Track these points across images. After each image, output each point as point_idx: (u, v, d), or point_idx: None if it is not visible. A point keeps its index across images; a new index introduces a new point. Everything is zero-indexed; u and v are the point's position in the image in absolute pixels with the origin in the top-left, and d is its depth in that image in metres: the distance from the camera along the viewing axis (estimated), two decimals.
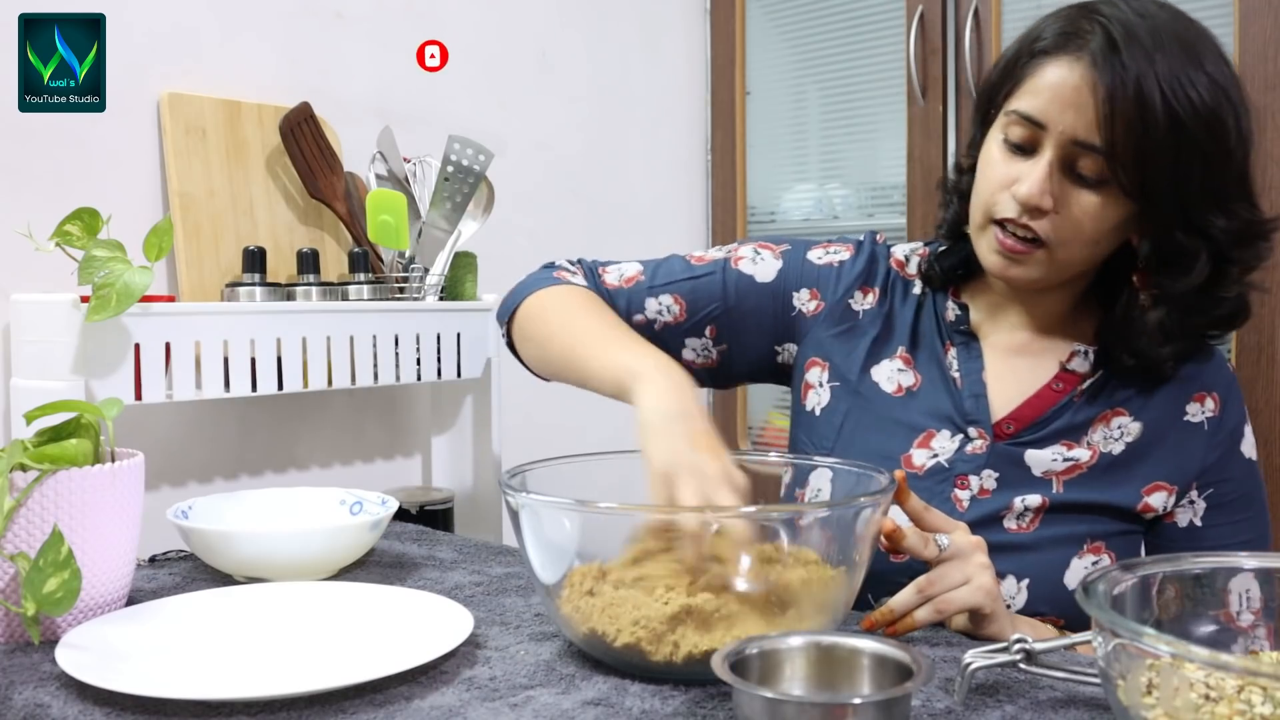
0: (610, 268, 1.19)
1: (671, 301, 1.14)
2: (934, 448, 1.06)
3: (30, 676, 0.84)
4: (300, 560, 1.09)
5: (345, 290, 1.50)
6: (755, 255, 1.17)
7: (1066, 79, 0.93)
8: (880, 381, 1.10)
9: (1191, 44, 0.93)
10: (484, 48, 1.86)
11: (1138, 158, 0.92)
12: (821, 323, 1.14)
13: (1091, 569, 1.01)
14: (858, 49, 2.08)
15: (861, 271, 1.14)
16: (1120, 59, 0.91)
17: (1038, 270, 1.00)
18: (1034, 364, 1.07)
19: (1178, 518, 1.05)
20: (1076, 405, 1.05)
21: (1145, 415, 1.04)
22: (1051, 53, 0.95)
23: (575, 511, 0.83)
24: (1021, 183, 0.96)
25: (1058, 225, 0.96)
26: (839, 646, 0.73)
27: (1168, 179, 0.92)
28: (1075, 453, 1.03)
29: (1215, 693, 0.61)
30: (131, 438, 1.26)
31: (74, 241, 1.15)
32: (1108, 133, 0.91)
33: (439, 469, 1.73)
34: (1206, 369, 1.06)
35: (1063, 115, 0.94)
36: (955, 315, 1.11)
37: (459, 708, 0.77)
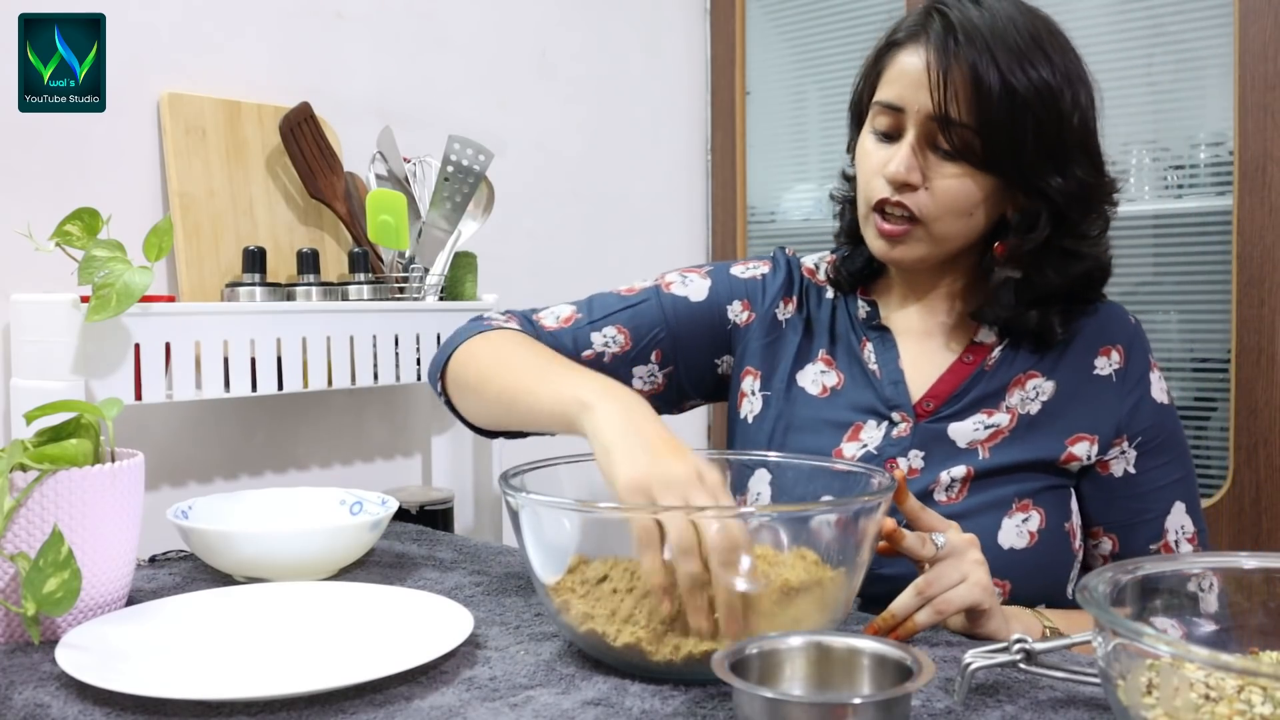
0: (544, 312, 1.20)
1: (615, 332, 1.17)
2: (862, 439, 1.11)
3: (30, 676, 0.84)
4: (300, 560, 1.09)
5: (345, 290, 1.50)
6: (683, 279, 1.21)
7: (915, 63, 1.03)
8: (806, 385, 1.16)
9: (1029, 31, 1.02)
10: (484, 48, 1.86)
11: (977, 125, 1.00)
12: (754, 333, 1.19)
13: (1021, 526, 1.06)
14: (858, 49, 2.08)
15: (783, 283, 1.21)
16: (955, 38, 1.00)
17: (920, 248, 1.06)
18: (944, 343, 1.13)
19: (1113, 469, 1.10)
20: (989, 374, 1.10)
21: (1057, 374, 1.10)
22: (902, 43, 1.06)
23: (575, 511, 0.83)
24: (889, 163, 1.04)
25: (929, 200, 1.04)
26: (839, 646, 0.73)
27: (1005, 144, 1.01)
28: (995, 418, 1.08)
29: (1215, 693, 0.61)
30: (131, 438, 1.27)
31: (74, 241, 1.15)
32: (945, 105, 1.00)
33: (439, 469, 1.73)
34: (1109, 324, 1.12)
35: (916, 95, 1.02)
36: (866, 312, 1.16)
37: (459, 708, 0.77)
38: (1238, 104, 1.64)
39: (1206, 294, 1.72)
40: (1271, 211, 1.63)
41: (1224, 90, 1.67)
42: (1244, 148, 1.64)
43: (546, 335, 1.16)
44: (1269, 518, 1.65)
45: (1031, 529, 1.05)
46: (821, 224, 2.15)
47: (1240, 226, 1.65)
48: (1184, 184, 1.76)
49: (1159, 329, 1.77)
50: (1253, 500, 1.66)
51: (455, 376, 1.10)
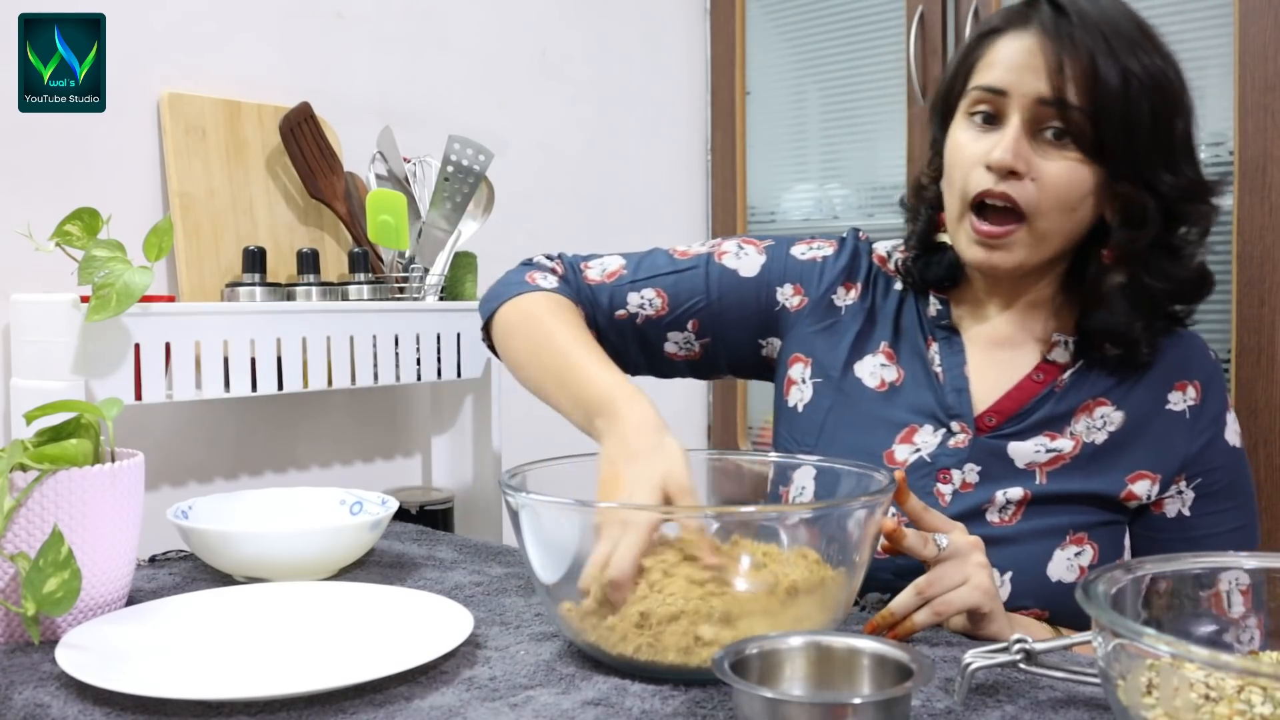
0: (592, 262, 1.19)
1: (654, 295, 1.15)
2: (916, 442, 1.07)
3: (30, 676, 0.84)
4: (300, 560, 1.09)
5: (345, 290, 1.50)
6: (739, 250, 1.17)
7: (1020, 47, 0.99)
8: (863, 377, 1.11)
9: (1138, 25, 0.99)
10: (484, 48, 1.86)
11: (1092, 110, 0.96)
12: (805, 318, 1.14)
13: (1074, 560, 1.02)
14: (858, 49, 2.08)
15: (845, 267, 1.15)
16: (1068, 22, 0.97)
17: (1020, 251, 1.01)
18: (1015, 356, 1.08)
19: (1166, 508, 1.05)
20: (1058, 395, 1.06)
21: (1127, 404, 1.05)
22: (1002, 29, 1.01)
23: (575, 511, 0.84)
24: (994, 149, 0.98)
25: (1034, 191, 0.98)
26: (839, 646, 0.73)
27: (1120, 130, 0.96)
28: (1058, 443, 1.04)
29: (1215, 693, 0.61)
30: (131, 438, 1.27)
31: (74, 241, 1.15)
32: (1060, 87, 0.96)
33: (439, 469, 1.73)
34: (1188, 358, 1.07)
35: (1022, 79, 0.98)
36: (937, 310, 1.11)
37: (459, 708, 0.77)
38: (1238, 104, 1.64)
39: None
40: (1271, 211, 1.62)
41: (1224, 90, 1.67)
42: (1244, 148, 1.64)
43: (585, 289, 1.17)
44: (1269, 518, 1.65)
45: (1083, 564, 1.02)
46: (821, 224, 2.15)
47: (1240, 226, 1.65)
48: None
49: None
50: None
51: (499, 340, 1.15)
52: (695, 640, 0.79)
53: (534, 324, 1.09)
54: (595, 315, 1.17)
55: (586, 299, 1.17)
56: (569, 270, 1.18)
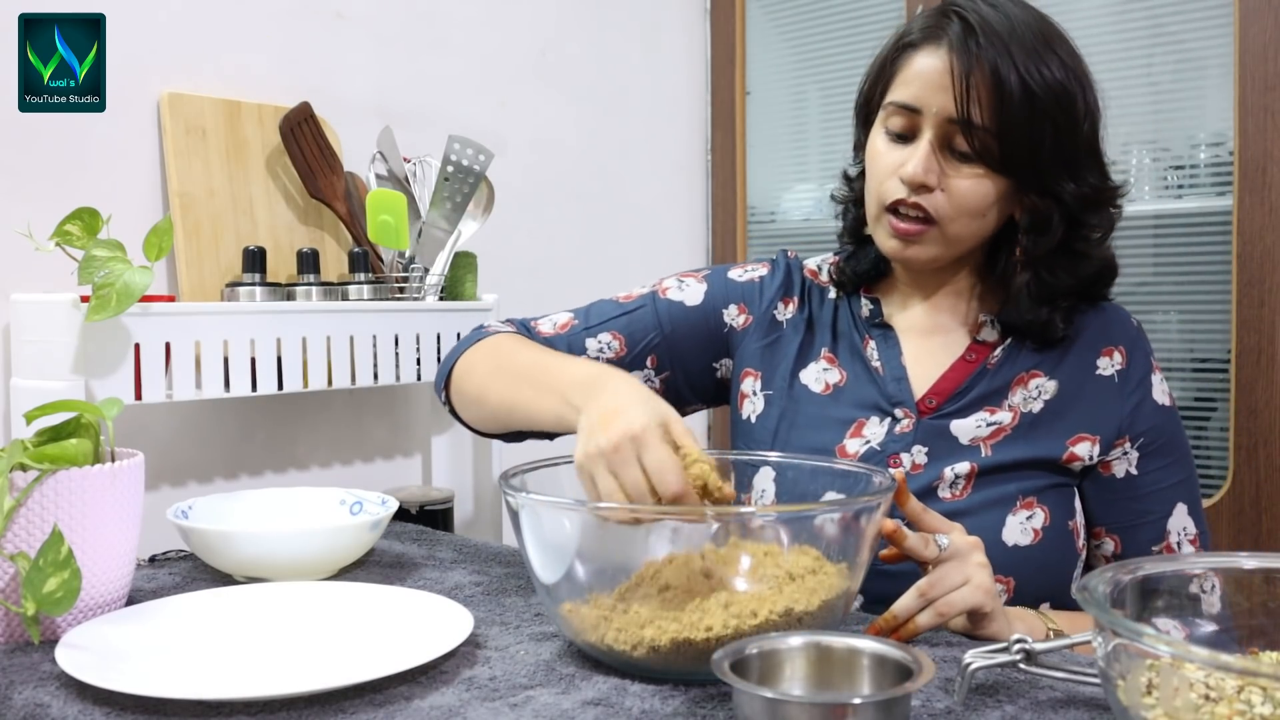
0: (542, 320, 1.21)
1: (610, 338, 1.18)
2: (865, 435, 1.11)
3: (30, 676, 0.84)
4: (300, 560, 1.09)
5: (345, 290, 1.50)
6: (680, 284, 1.22)
7: (933, 65, 1.03)
8: (809, 383, 1.16)
9: (1041, 33, 1.03)
10: (484, 48, 1.86)
11: (998, 129, 1.01)
12: (751, 335, 1.20)
13: (1026, 523, 1.06)
14: (858, 49, 2.08)
15: (781, 283, 1.21)
16: (976, 41, 1.01)
17: (933, 248, 1.07)
18: (947, 341, 1.14)
19: (1114, 469, 1.10)
20: (991, 372, 1.11)
21: (1059, 373, 1.10)
22: (918, 44, 1.05)
23: (575, 511, 0.83)
24: (906, 164, 1.04)
25: (944, 201, 1.04)
26: (839, 646, 0.73)
27: (1023, 148, 1.02)
28: (998, 416, 1.09)
29: (1215, 693, 0.61)
30: (131, 438, 1.27)
31: (74, 241, 1.15)
32: (967, 108, 1.01)
33: (439, 469, 1.73)
34: (1111, 325, 1.13)
35: (934, 97, 1.03)
36: (869, 310, 1.17)
37: (459, 708, 0.77)
38: (1238, 104, 1.64)
39: (1206, 294, 1.72)
40: (1271, 211, 1.63)
41: (1224, 90, 1.67)
42: (1244, 148, 1.64)
43: (542, 341, 1.17)
44: (1269, 518, 1.65)
45: (1036, 526, 1.06)
46: (821, 224, 2.15)
47: (1240, 226, 1.65)
48: (1184, 184, 1.76)
49: (1159, 329, 1.77)
50: (1253, 500, 1.66)
51: (458, 388, 1.14)
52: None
53: (499, 351, 1.11)
54: None
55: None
56: (520, 329, 1.20)
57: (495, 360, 1.10)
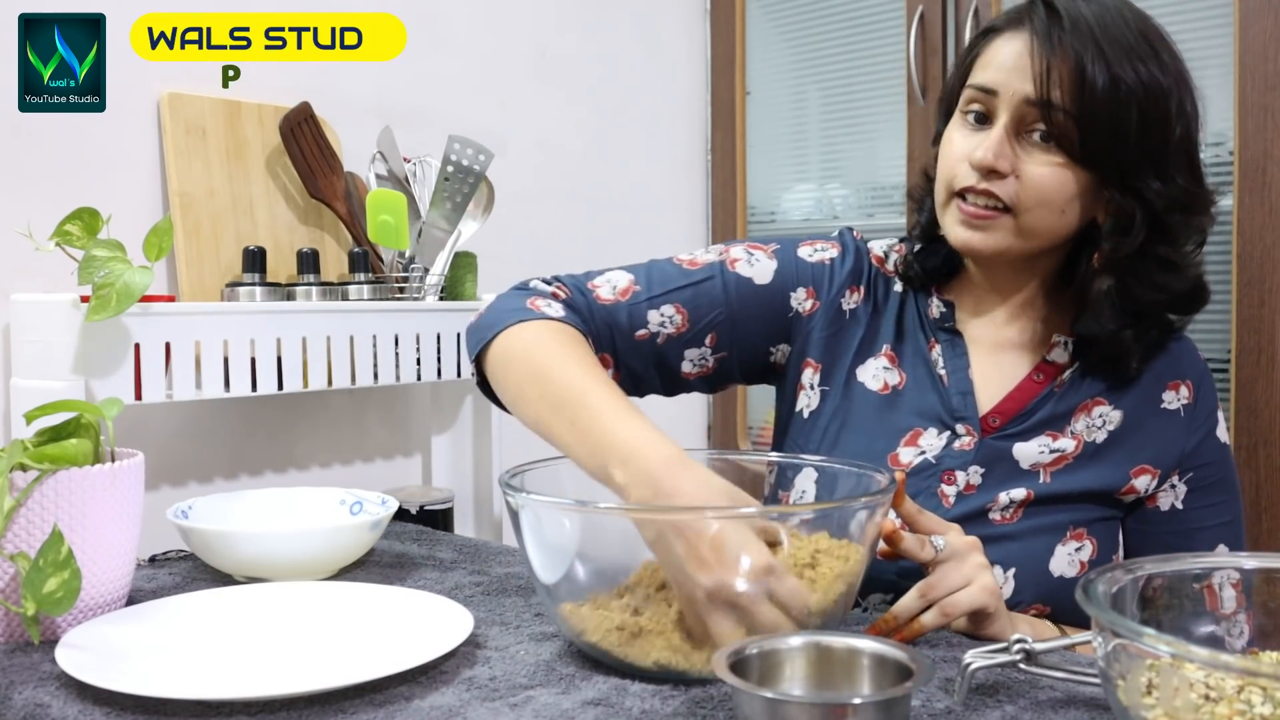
0: (599, 281, 1.10)
1: (674, 311, 1.09)
2: (921, 445, 1.07)
3: (30, 676, 0.84)
4: (300, 560, 1.09)
5: (345, 290, 1.50)
6: (749, 256, 1.13)
7: (1014, 48, 1.00)
8: (865, 381, 1.11)
9: (1141, 31, 0.99)
10: (484, 47, 1.86)
11: (1078, 113, 0.96)
12: (816, 323, 1.12)
13: (1074, 555, 1.03)
14: (858, 49, 2.08)
15: (851, 269, 1.13)
16: (1061, 27, 0.97)
17: (1004, 237, 1.01)
18: (1016, 358, 1.09)
19: (1160, 501, 1.07)
20: (1058, 396, 1.07)
21: (1124, 403, 1.06)
22: (1001, 30, 1.02)
23: (575, 511, 0.83)
24: (978, 149, 1.00)
25: (1018, 189, 0.99)
26: (839, 646, 0.73)
27: (1105, 136, 0.97)
28: (1060, 443, 1.05)
29: (1215, 693, 0.61)
30: (131, 438, 1.27)
31: (74, 241, 1.15)
32: (1047, 89, 0.97)
33: (439, 469, 1.73)
34: (1179, 359, 1.09)
35: (1010, 80, 0.99)
36: (940, 312, 1.11)
37: (459, 708, 0.77)
38: (1238, 104, 1.64)
39: None
40: (1271, 211, 1.62)
41: (1224, 90, 1.67)
42: (1244, 148, 1.64)
43: (600, 310, 1.07)
44: (1269, 518, 1.65)
45: (1083, 559, 1.03)
46: (821, 224, 2.15)
47: (1240, 226, 1.65)
48: None
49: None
50: (1253, 500, 1.66)
51: (493, 373, 1.02)
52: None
53: (538, 355, 0.98)
54: (614, 338, 1.08)
55: (602, 322, 1.07)
56: (575, 293, 1.08)
57: (534, 364, 0.97)
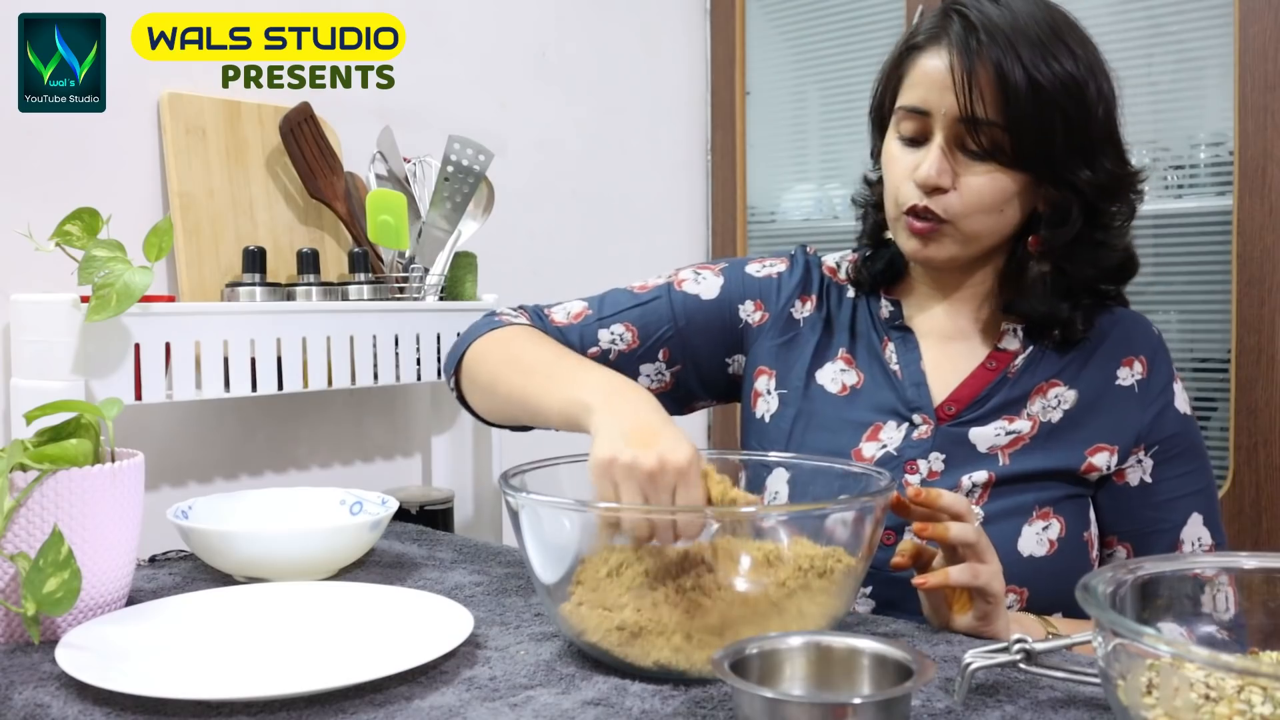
0: (555, 308, 1.20)
1: (623, 329, 1.16)
2: (882, 439, 1.10)
3: (30, 676, 0.84)
4: (300, 560, 1.09)
5: (345, 290, 1.50)
6: (696, 276, 1.20)
7: (937, 66, 1.02)
8: (825, 384, 1.15)
9: (1048, 24, 1.02)
10: (484, 48, 1.86)
11: (1005, 124, 1.00)
12: (767, 332, 1.18)
13: (1042, 534, 1.05)
14: (858, 49, 2.08)
15: (800, 281, 1.19)
16: (977, 38, 1.00)
17: (951, 246, 1.06)
18: (968, 347, 1.12)
19: (1129, 477, 1.09)
20: (1012, 380, 1.10)
21: (1079, 383, 1.09)
22: (922, 46, 1.05)
23: (575, 511, 0.83)
24: (919, 167, 1.03)
25: (958, 200, 1.03)
26: (839, 646, 0.73)
27: (1034, 140, 1.01)
28: (1016, 425, 1.08)
29: (1215, 693, 0.61)
30: (131, 438, 1.26)
31: (74, 241, 1.15)
32: (971, 106, 1.00)
33: (439, 469, 1.73)
34: (1133, 334, 1.12)
35: (941, 99, 1.02)
36: (889, 312, 1.16)
37: (459, 708, 0.77)
38: (1238, 104, 1.64)
39: (1206, 294, 1.72)
40: (1271, 211, 1.63)
41: (1224, 90, 1.67)
42: (1244, 148, 1.64)
43: (554, 331, 1.17)
44: (1269, 518, 1.65)
45: (1051, 537, 1.05)
46: (821, 224, 2.15)
47: (1240, 226, 1.65)
48: (1184, 184, 1.76)
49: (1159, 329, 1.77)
50: (1253, 500, 1.66)
51: (469, 374, 1.12)
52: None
53: (511, 344, 1.10)
54: None
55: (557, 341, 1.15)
56: (533, 317, 1.19)
57: (508, 350, 1.09)
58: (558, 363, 1.03)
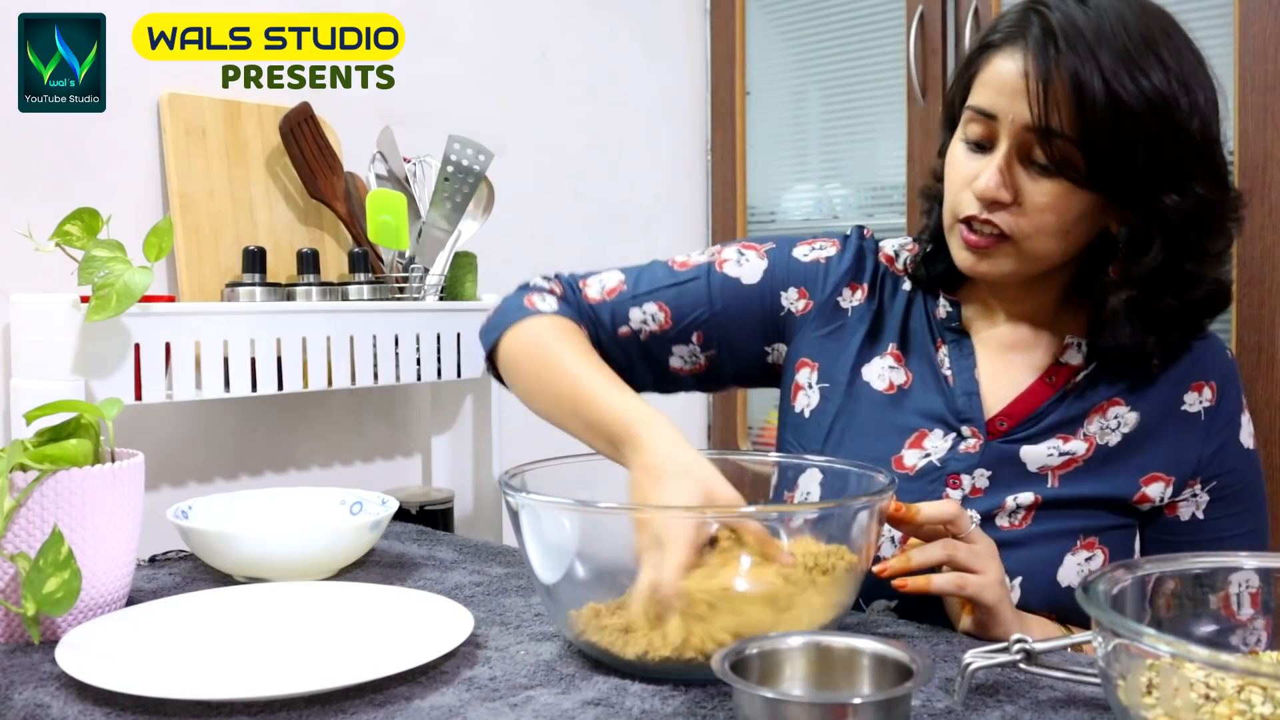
0: (591, 280, 1.15)
1: (656, 309, 1.12)
2: (926, 447, 1.05)
3: (30, 676, 0.84)
4: (300, 560, 1.09)
5: (345, 290, 1.50)
6: (740, 257, 1.14)
7: (1010, 69, 0.94)
8: (871, 380, 1.08)
9: (1141, 32, 0.93)
10: (484, 48, 1.86)
11: (1080, 139, 0.91)
12: (810, 322, 1.11)
13: (1084, 565, 1.00)
14: (858, 49, 2.08)
15: (850, 268, 1.12)
16: (1055, 44, 0.91)
17: (1007, 264, 0.98)
18: (1026, 359, 1.06)
19: (1180, 511, 1.03)
20: (1071, 398, 1.03)
21: (1142, 405, 1.03)
22: (999, 46, 0.96)
23: (575, 511, 0.83)
24: (979, 177, 0.96)
25: (1020, 217, 0.96)
26: (839, 646, 0.73)
27: (1112, 159, 0.92)
28: (1071, 445, 1.02)
29: (1215, 693, 0.61)
30: (131, 438, 1.26)
31: (74, 241, 1.15)
32: (1045, 116, 0.91)
33: (439, 469, 1.73)
34: (1205, 358, 1.05)
35: (1011, 104, 0.94)
36: (947, 313, 1.09)
37: (459, 708, 0.77)
38: (1238, 104, 1.64)
39: None
40: (1271, 211, 1.62)
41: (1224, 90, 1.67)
42: (1244, 148, 1.64)
43: (586, 307, 1.13)
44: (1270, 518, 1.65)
45: (1093, 568, 1.00)
46: (822, 224, 2.15)
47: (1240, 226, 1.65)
48: None
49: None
50: None
51: (505, 372, 1.10)
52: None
53: (539, 352, 1.05)
54: (598, 334, 1.13)
55: (589, 318, 1.13)
56: (567, 290, 1.14)
57: (538, 365, 1.04)
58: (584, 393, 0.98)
